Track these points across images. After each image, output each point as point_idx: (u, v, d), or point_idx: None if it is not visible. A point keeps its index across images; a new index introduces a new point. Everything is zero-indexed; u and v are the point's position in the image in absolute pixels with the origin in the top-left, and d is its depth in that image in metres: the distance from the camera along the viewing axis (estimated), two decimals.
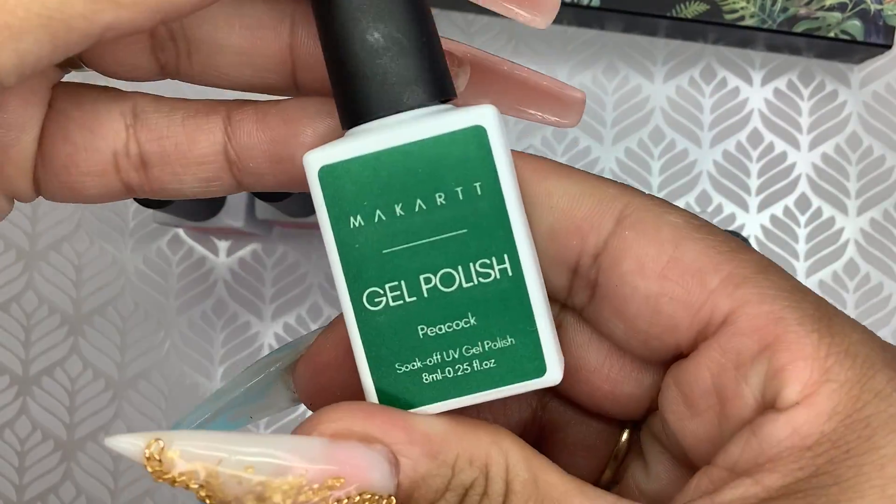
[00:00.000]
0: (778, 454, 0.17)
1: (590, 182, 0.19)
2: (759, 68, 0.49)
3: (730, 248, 0.18)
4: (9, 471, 0.49)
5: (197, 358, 0.49)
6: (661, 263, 0.18)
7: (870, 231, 0.48)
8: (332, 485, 0.16)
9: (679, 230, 0.19)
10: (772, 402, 0.17)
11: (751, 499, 0.17)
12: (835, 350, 0.17)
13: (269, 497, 0.16)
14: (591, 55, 0.49)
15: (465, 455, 0.17)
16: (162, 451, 0.16)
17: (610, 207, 0.19)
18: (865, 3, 0.45)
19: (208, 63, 0.19)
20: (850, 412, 0.17)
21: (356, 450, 0.16)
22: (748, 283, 0.18)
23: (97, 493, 0.48)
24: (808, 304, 0.18)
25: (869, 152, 0.48)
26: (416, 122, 0.16)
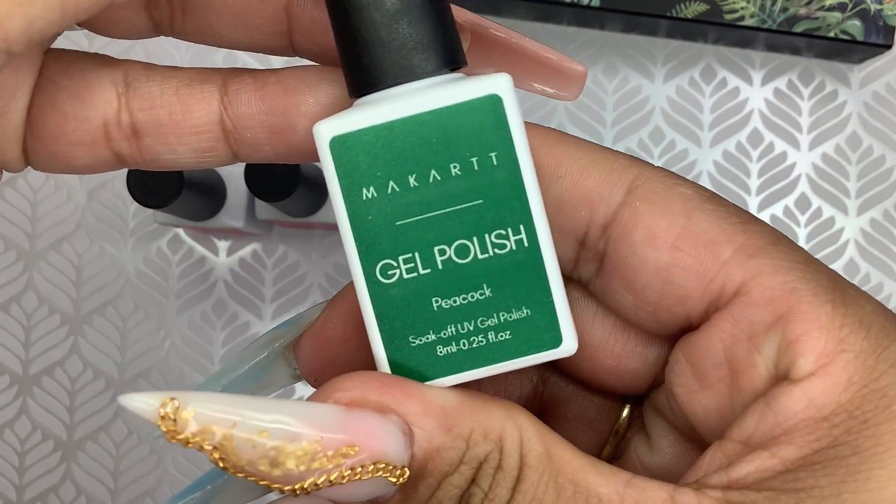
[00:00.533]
0: (794, 426, 0.17)
1: (599, 152, 0.19)
2: (759, 68, 0.49)
3: (741, 220, 0.18)
4: (9, 471, 0.49)
5: (197, 358, 0.49)
6: (673, 234, 0.18)
7: (870, 231, 0.48)
8: (346, 453, 0.16)
9: (690, 201, 0.18)
10: (785, 374, 0.17)
11: (768, 471, 0.16)
12: (849, 320, 0.17)
13: (283, 462, 0.15)
14: (591, 55, 0.49)
15: (479, 428, 0.17)
16: (177, 410, 0.15)
17: (620, 178, 0.19)
18: (865, 3, 0.45)
19: (202, 22, 0.19)
20: (866, 382, 0.16)
21: (371, 419, 0.16)
22: (761, 254, 0.18)
23: (97, 493, 0.48)
24: (822, 276, 0.17)
25: (869, 152, 0.48)
26: (431, 91, 0.16)
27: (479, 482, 0.17)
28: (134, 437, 0.48)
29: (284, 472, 0.16)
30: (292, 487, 0.16)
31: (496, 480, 0.17)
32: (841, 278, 0.18)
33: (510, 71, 0.17)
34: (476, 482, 0.17)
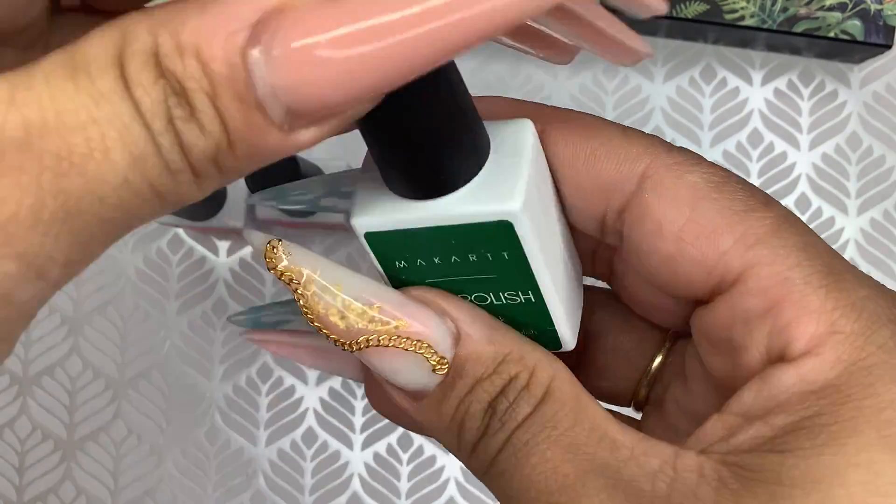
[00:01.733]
0: (786, 399, 0.18)
1: (614, 141, 0.20)
2: (759, 68, 0.49)
3: (746, 207, 0.19)
4: (9, 471, 0.49)
5: (197, 358, 0.49)
6: (678, 226, 0.20)
7: (870, 231, 0.48)
8: (398, 325, 0.19)
9: (697, 190, 0.20)
10: (780, 356, 0.18)
11: (761, 438, 0.18)
12: (842, 304, 0.18)
13: (348, 316, 0.19)
14: (592, 55, 0.49)
15: (517, 352, 0.20)
16: (279, 246, 0.19)
17: (632, 168, 0.20)
18: (865, 3, 0.45)
19: None
20: (853, 361, 0.18)
21: (427, 311, 0.19)
22: (760, 244, 0.19)
23: (97, 493, 0.48)
24: (819, 261, 0.19)
25: (869, 152, 0.48)
26: (453, 207, 0.18)
27: (506, 394, 0.19)
28: (134, 436, 0.48)
29: (347, 325, 0.19)
30: (348, 342, 0.19)
31: (521, 396, 0.19)
32: (841, 262, 0.19)
33: (581, 41, 0.18)
34: (504, 393, 0.19)
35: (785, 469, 0.17)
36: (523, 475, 0.19)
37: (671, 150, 0.20)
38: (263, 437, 0.48)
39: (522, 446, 0.19)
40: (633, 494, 0.18)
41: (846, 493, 0.17)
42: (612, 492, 0.18)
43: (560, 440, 0.19)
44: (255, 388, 0.48)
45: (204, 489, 0.48)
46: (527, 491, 0.19)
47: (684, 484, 0.18)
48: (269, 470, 0.48)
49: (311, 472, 0.48)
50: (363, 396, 0.48)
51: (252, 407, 0.48)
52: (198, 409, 0.48)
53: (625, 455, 0.19)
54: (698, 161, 0.20)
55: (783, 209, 0.20)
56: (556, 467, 0.19)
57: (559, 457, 0.19)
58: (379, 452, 0.48)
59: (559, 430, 0.19)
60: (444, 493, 0.47)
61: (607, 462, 0.19)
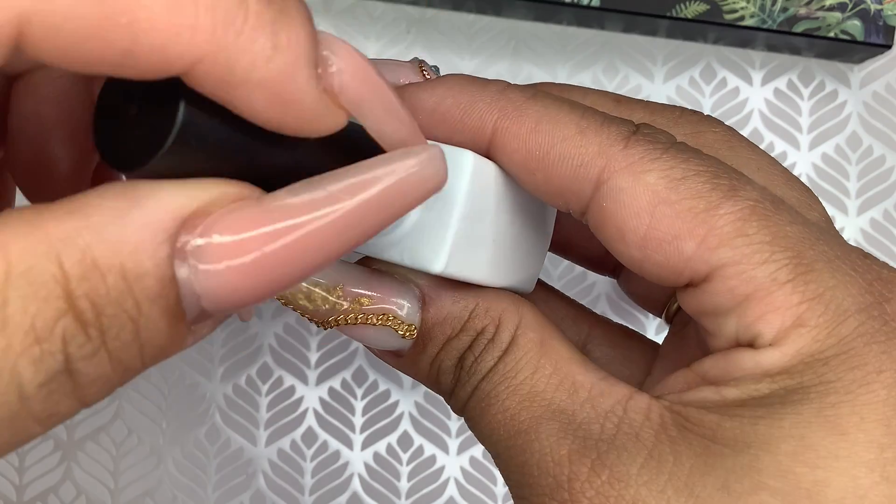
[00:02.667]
0: (741, 377, 0.19)
1: (568, 142, 0.20)
2: (759, 68, 0.49)
3: (708, 205, 0.19)
4: (9, 471, 0.49)
5: (197, 358, 0.49)
6: (640, 235, 0.20)
7: (870, 231, 0.48)
8: (362, 302, 0.20)
9: (656, 194, 0.20)
10: (748, 345, 0.19)
11: (709, 402, 0.19)
12: (808, 297, 0.19)
13: (314, 299, 0.20)
14: (591, 55, 0.49)
15: (483, 305, 0.21)
16: None
17: (586, 173, 0.20)
18: (865, 3, 0.45)
19: None
20: (811, 353, 0.18)
21: (390, 282, 0.20)
22: (723, 246, 0.19)
23: (97, 493, 0.48)
24: (787, 253, 0.19)
25: (869, 152, 0.48)
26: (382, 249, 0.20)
27: (473, 349, 0.21)
28: (134, 436, 0.48)
29: (315, 307, 0.20)
30: (320, 321, 0.20)
31: (486, 349, 0.21)
32: (813, 251, 0.19)
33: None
34: (471, 348, 0.21)
35: (721, 429, 0.18)
36: (487, 422, 0.21)
37: (628, 145, 0.20)
38: (263, 437, 0.48)
39: (485, 396, 0.21)
40: (582, 436, 0.19)
41: (773, 459, 0.17)
42: (562, 434, 0.20)
43: (519, 389, 0.20)
44: (255, 388, 0.48)
45: (204, 489, 0.48)
46: (490, 435, 0.21)
47: (630, 426, 0.19)
48: (269, 470, 0.48)
49: (311, 472, 0.48)
50: (363, 396, 0.48)
51: (252, 407, 0.48)
52: (198, 409, 0.48)
53: (581, 397, 0.20)
54: (658, 154, 0.20)
55: (752, 195, 0.19)
56: (513, 415, 0.20)
57: (516, 405, 0.20)
58: (379, 452, 0.48)
59: (519, 380, 0.20)
60: (444, 493, 0.47)
61: (563, 406, 0.20)
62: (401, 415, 0.48)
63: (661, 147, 0.20)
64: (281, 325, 0.48)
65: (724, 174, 0.20)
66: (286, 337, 0.48)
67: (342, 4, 0.50)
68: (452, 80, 0.21)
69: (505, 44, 0.49)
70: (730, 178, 0.20)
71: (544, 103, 0.21)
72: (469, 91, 0.21)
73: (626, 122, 0.21)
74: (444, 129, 0.21)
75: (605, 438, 0.19)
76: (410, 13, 0.49)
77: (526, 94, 0.21)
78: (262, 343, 0.48)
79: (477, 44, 0.49)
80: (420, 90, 0.21)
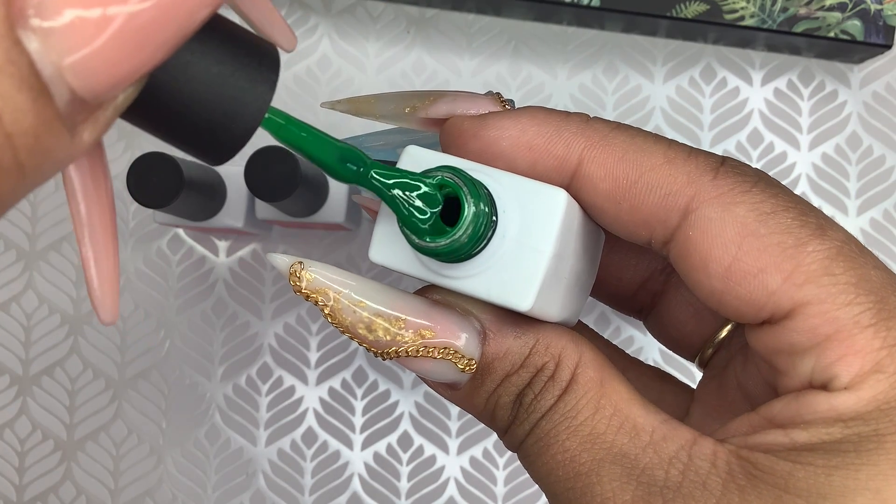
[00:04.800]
0: (812, 420, 0.19)
1: (656, 171, 0.20)
2: (759, 68, 0.49)
3: (796, 242, 0.19)
4: (9, 471, 0.49)
5: (197, 358, 0.49)
6: (724, 266, 0.19)
7: (870, 231, 0.48)
8: (424, 334, 0.20)
9: (745, 226, 0.19)
10: (822, 388, 0.19)
11: (777, 446, 0.19)
12: (889, 343, 0.18)
13: (375, 330, 0.20)
14: (591, 55, 0.49)
15: (544, 342, 0.20)
16: (301, 270, 0.19)
17: (675, 203, 0.20)
18: (865, 3, 0.45)
19: None
20: (888, 399, 0.18)
21: (451, 315, 0.20)
22: (809, 283, 0.19)
23: (97, 493, 0.48)
24: (871, 297, 0.19)
25: (869, 152, 0.48)
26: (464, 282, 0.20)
27: (532, 386, 0.20)
28: (134, 436, 0.48)
29: (375, 337, 0.20)
30: (379, 351, 0.20)
31: (546, 387, 0.20)
32: (895, 295, 0.19)
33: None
34: (530, 385, 0.20)
35: (794, 478, 0.18)
36: (545, 462, 0.20)
37: (717, 176, 0.20)
38: (263, 437, 0.48)
39: (544, 435, 0.20)
40: (646, 482, 0.19)
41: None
42: (625, 480, 0.19)
43: (579, 430, 0.20)
44: (255, 388, 0.48)
45: (204, 489, 0.48)
46: (548, 476, 0.20)
47: (696, 473, 0.19)
48: (269, 470, 0.48)
49: (311, 472, 0.48)
50: (363, 396, 0.48)
51: (252, 407, 0.48)
52: (198, 409, 0.48)
53: (644, 441, 0.19)
54: (748, 188, 0.20)
55: (839, 235, 0.19)
56: (573, 457, 0.20)
57: (577, 446, 0.20)
58: (379, 452, 0.48)
59: (579, 420, 0.20)
60: (444, 493, 0.47)
61: (625, 450, 0.19)
62: (401, 415, 0.48)
63: (750, 180, 0.20)
64: (281, 325, 0.48)
65: (812, 213, 0.20)
66: (286, 337, 0.48)
67: (342, 4, 0.50)
68: (535, 109, 0.21)
69: (505, 44, 0.49)
70: (817, 217, 0.20)
71: (630, 133, 0.21)
72: (554, 121, 0.21)
73: (713, 155, 0.20)
74: (528, 158, 0.21)
75: (671, 486, 0.19)
76: (410, 13, 0.49)
77: (611, 126, 0.21)
78: (262, 343, 0.48)
79: (477, 44, 0.49)
80: (503, 118, 0.21)
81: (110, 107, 0.14)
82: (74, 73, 0.13)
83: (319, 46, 0.49)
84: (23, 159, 0.13)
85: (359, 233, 0.48)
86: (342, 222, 0.44)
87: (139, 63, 0.13)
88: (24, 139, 0.13)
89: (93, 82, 0.13)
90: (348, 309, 0.20)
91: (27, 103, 0.13)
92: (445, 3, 0.48)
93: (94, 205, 0.17)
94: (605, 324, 0.47)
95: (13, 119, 0.13)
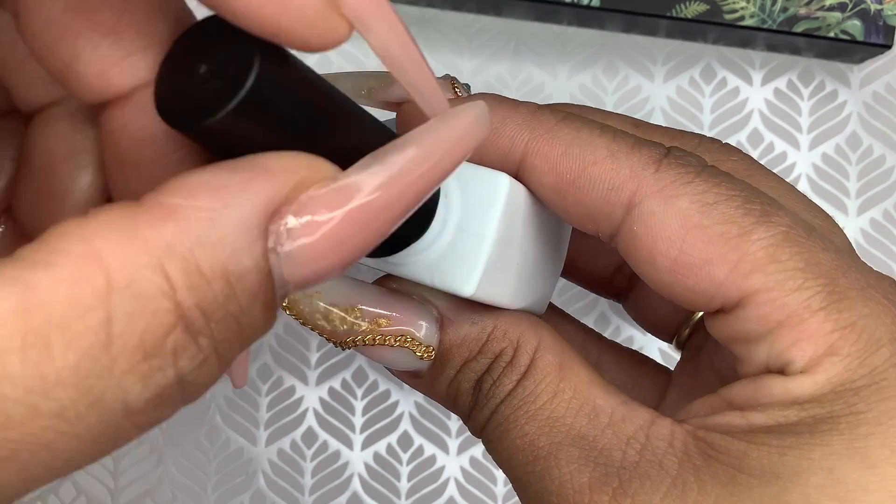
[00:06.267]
0: (769, 403, 0.19)
1: (599, 164, 0.20)
2: (759, 68, 0.49)
3: (740, 231, 0.19)
4: None
5: None
6: (670, 259, 0.19)
7: (870, 231, 0.48)
8: (380, 323, 0.20)
9: (688, 218, 0.19)
10: (778, 372, 0.19)
11: (734, 427, 0.19)
12: (841, 325, 0.18)
13: (332, 319, 0.20)
14: (591, 55, 0.49)
15: (501, 328, 0.21)
16: None
17: (618, 197, 0.20)
18: (865, 3, 0.45)
19: None
20: (843, 382, 0.18)
21: (409, 303, 0.20)
22: (755, 272, 0.19)
23: (97, 493, 0.48)
24: (820, 280, 0.19)
25: (869, 152, 0.48)
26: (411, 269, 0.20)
27: (491, 371, 0.20)
28: None
29: (333, 327, 0.20)
30: (338, 341, 0.20)
31: (504, 372, 0.20)
32: (846, 279, 0.19)
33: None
34: (489, 371, 0.20)
35: (748, 458, 0.18)
36: (505, 446, 0.20)
37: (659, 168, 0.20)
38: (263, 437, 0.48)
39: (504, 420, 0.20)
40: (603, 463, 0.19)
41: (802, 492, 0.17)
42: (583, 462, 0.19)
43: (538, 414, 0.20)
44: (254, 387, 0.48)
45: (204, 489, 0.48)
46: (508, 460, 0.20)
47: (653, 453, 0.19)
48: (269, 470, 0.48)
49: (311, 472, 0.48)
50: (363, 396, 0.48)
51: (252, 407, 0.48)
52: (198, 409, 0.48)
53: (603, 422, 0.20)
54: (690, 178, 0.20)
55: (784, 220, 0.19)
56: (532, 441, 0.20)
57: (536, 430, 0.20)
58: (379, 452, 0.48)
59: (538, 405, 0.20)
60: (444, 493, 0.47)
61: (583, 432, 0.20)
62: (401, 415, 0.48)
63: (692, 171, 0.20)
64: (281, 325, 0.48)
65: (756, 199, 0.20)
66: (286, 337, 0.48)
67: None
68: (485, 97, 0.21)
69: (505, 44, 0.49)
70: (762, 204, 0.19)
71: (575, 126, 0.20)
72: (500, 112, 0.21)
73: (658, 146, 0.20)
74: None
75: (628, 466, 0.19)
76: (410, 13, 0.49)
77: (557, 117, 0.21)
78: (263, 343, 0.48)
79: (477, 44, 0.49)
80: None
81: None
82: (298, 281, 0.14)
83: None
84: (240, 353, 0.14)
85: None
86: None
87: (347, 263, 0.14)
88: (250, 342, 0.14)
89: (308, 280, 0.14)
90: (304, 299, 0.20)
91: (262, 318, 0.14)
92: (445, 4, 0.48)
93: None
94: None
95: (250, 332, 0.14)
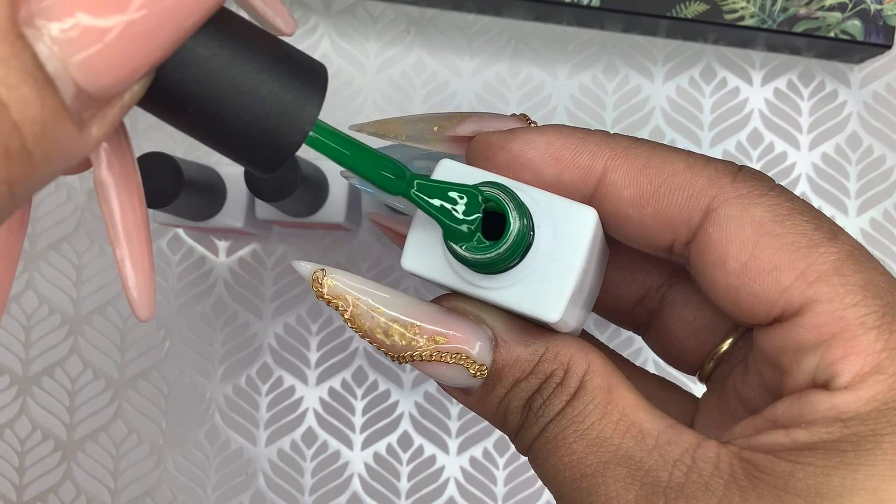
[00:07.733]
0: (813, 420, 0.19)
1: (678, 176, 0.21)
2: (759, 68, 0.49)
3: (810, 242, 0.20)
4: (9, 471, 0.49)
5: (197, 358, 0.49)
6: (741, 262, 0.20)
7: (870, 231, 0.48)
8: (437, 340, 0.21)
9: (762, 226, 0.20)
10: (823, 386, 0.20)
11: (779, 446, 0.19)
12: (891, 346, 0.19)
13: (392, 335, 0.21)
14: (591, 55, 0.49)
15: (553, 350, 0.21)
16: (323, 276, 0.21)
17: (697, 203, 0.21)
18: (865, 3, 0.45)
19: None
20: (887, 400, 0.19)
21: (465, 323, 0.21)
22: (820, 282, 0.20)
23: (97, 493, 0.48)
24: (877, 301, 0.20)
25: (869, 152, 0.48)
26: (496, 293, 0.21)
27: (541, 391, 0.21)
28: (134, 436, 0.48)
29: (392, 342, 0.21)
30: (395, 355, 0.21)
31: (555, 393, 0.21)
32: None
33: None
34: (539, 391, 0.21)
35: (794, 479, 0.18)
36: (552, 464, 0.21)
37: (736, 178, 0.21)
38: (263, 437, 0.48)
39: (552, 439, 0.21)
40: (650, 483, 0.20)
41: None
42: (630, 480, 0.20)
43: (587, 434, 0.21)
44: (255, 388, 0.48)
45: (204, 489, 0.48)
46: (555, 477, 0.21)
47: (699, 474, 0.19)
48: (269, 470, 0.48)
49: (311, 472, 0.48)
50: (363, 396, 0.48)
51: (252, 407, 0.48)
52: (198, 409, 0.48)
53: (649, 444, 0.20)
54: (765, 191, 0.21)
55: (849, 241, 0.20)
56: (580, 459, 0.21)
57: (584, 449, 0.21)
58: (379, 452, 0.48)
59: (586, 424, 0.21)
60: (444, 493, 0.47)
61: (630, 453, 0.20)
62: (401, 415, 0.48)
63: (767, 185, 0.21)
64: (281, 325, 0.48)
65: (825, 219, 0.21)
66: (286, 337, 0.48)
67: (342, 4, 0.50)
68: (559, 125, 0.23)
69: (505, 44, 0.49)
70: (829, 224, 0.21)
71: (651, 144, 0.22)
72: (578, 134, 0.22)
73: (731, 162, 0.22)
74: (554, 168, 0.22)
75: (674, 487, 0.19)
76: (410, 13, 0.49)
77: (631, 138, 0.22)
78: (262, 343, 0.48)
79: (477, 44, 0.49)
80: (530, 131, 0.22)
81: (117, 104, 0.15)
82: (79, 70, 0.14)
83: (319, 46, 0.49)
84: (31, 147, 0.14)
85: (358, 233, 0.48)
86: (342, 222, 0.44)
87: (139, 64, 0.14)
88: (31, 127, 0.14)
89: (97, 79, 0.14)
90: (366, 314, 0.21)
91: (32, 93, 0.14)
92: (445, 3, 0.48)
93: (126, 205, 0.18)
94: (617, 332, 0.47)
95: (19, 107, 0.14)
